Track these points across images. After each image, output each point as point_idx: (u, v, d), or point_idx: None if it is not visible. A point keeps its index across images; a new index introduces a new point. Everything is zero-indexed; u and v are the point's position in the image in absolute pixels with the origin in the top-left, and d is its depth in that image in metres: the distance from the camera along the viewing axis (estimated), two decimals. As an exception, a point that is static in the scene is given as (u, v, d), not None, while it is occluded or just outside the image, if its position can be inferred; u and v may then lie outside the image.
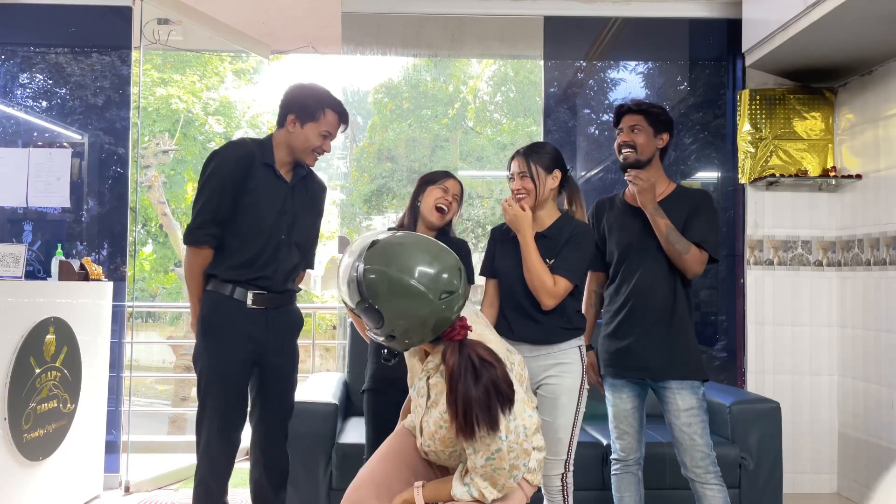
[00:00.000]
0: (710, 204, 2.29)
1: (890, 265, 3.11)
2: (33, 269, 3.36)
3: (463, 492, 1.58)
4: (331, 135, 2.17)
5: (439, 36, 3.87)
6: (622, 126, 2.31)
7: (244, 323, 2.11)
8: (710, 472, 2.19)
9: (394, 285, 1.50)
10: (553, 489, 2.06)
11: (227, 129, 9.72)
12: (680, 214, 2.24)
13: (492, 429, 1.47)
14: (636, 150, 2.26)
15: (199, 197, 2.11)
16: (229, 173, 2.09)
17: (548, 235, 2.11)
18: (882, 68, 3.19)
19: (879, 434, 3.16)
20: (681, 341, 2.23)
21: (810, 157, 3.49)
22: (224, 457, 2.13)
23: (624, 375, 2.28)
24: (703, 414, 2.21)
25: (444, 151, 11.12)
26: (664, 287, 2.24)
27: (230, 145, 2.16)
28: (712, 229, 2.24)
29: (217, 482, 2.13)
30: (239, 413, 2.15)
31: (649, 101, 2.33)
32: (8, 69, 3.67)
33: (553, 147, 2.18)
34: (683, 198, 2.29)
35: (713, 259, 2.26)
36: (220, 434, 2.11)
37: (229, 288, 2.11)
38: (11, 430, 2.56)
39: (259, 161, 2.13)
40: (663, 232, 2.19)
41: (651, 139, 2.28)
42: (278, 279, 2.16)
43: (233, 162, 2.10)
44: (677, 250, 2.19)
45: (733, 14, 3.53)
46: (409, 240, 1.59)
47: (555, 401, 2.05)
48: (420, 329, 1.54)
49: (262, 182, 2.13)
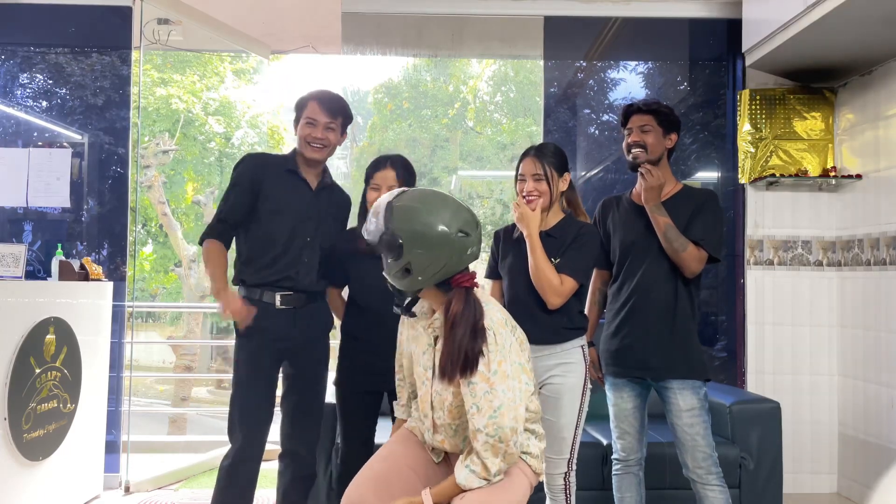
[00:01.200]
0: (715, 203, 2.28)
1: (890, 265, 3.11)
2: (33, 269, 3.35)
3: (466, 474, 1.59)
4: (315, 121, 2.21)
5: (439, 36, 3.87)
6: (631, 126, 2.30)
7: (270, 321, 2.16)
8: (711, 472, 2.19)
9: (418, 215, 1.63)
10: (556, 488, 2.06)
11: (227, 129, 9.72)
12: (684, 214, 2.24)
13: (484, 368, 1.58)
14: (646, 150, 2.26)
15: (220, 202, 2.23)
16: (247, 179, 2.20)
17: (552, 235, 2.11)
18: (882, 68, 3.19)
19: (879, 434, 3.16)
20: (682, 341, 2.23)
21: (810, 157, 3.49)
22: (251, 452, 2.16)
23: (625, 374, 2.28)
24: (706, 414, 2.21)
25: (444, 151, 11.12)
26: (666, 286, 2.24)
27: (249, 155, 2.30)
28: (714, 228, 2.24)
29: (246, 479, 2.15)
30: (269, 410, 2.20)
31: (657, 102, 2.33)
32: (8, 69, 3.67)
33: (560, 148, 2.18)
34: (689, 198, 2.29)
35: (714, 259, 2.26)
36: (250, 431, 2.16)
37: (258, 292, 2.18)
38: (11, 430, 2.56)
39: (282, 168, 2.24)
40: (662, 229, 2.19)
41: (661, 139, 2.28)
42: (304, 279, 2.20)
43: (250, 169, 2.22)
44: (674, 248, 2.19)
45: (733, 14, 3.53)
46: (439, 192, 1.74)
47: (558, 400, 2.05)
48: (434, 263, 1.63)
49: (285, 187, 2.21)
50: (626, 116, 2.33)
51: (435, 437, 1.78)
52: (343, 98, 2.29)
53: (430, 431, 1.78)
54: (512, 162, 10.62)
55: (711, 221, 2.24)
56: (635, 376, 2.27)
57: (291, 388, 2.25)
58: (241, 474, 2.13)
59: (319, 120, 2.20)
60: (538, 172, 2.10)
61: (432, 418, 1.76)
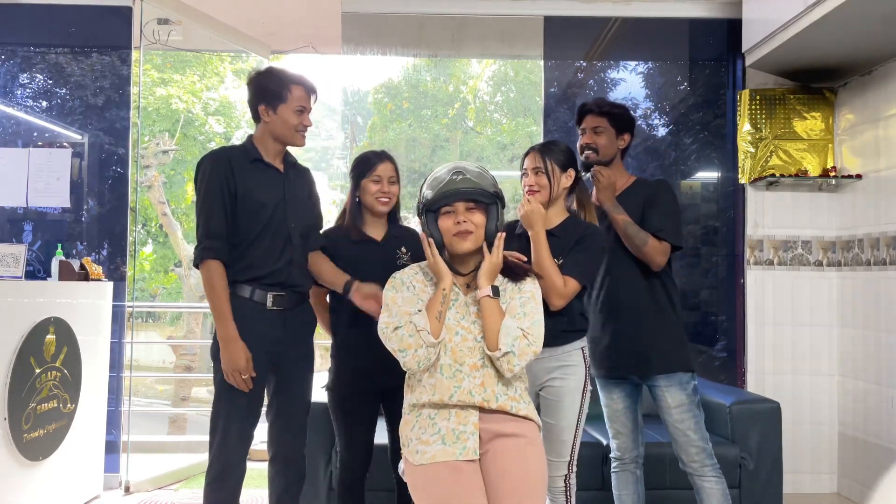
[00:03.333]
0: (667, 191, 2.29)
1: (890, 265, 3.11)
2: (33, 269, 3.35)
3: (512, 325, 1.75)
4: (305, 108, 2.14)
5: (439, 36, 3.87)
6: (584, 127, 2.33)
7: (261, 323, 2.10)
8: (706, 465, 2.20)
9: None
10: (556, 490, 2.05)
11: (227, 129, 9.72)
12: (636, 205, 2.25)
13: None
14: (597, 153, 2.30)
15: (198, 217, 2.10)
16: (217, 185, 2.07)
17: (556, 234, 2.10)
18: (882, 68, 3.19)
19: (879, 434, 3.16)
20: (659, 335, 2.23)
21: (810, 157, 3.49)
22: (237, 456, 2.12)
23: (611, 375, 2.30)
24: (696, 409, 2.22)
25: (444, 151, 11.12)
26: (635, 284, 2.25)
27: (208, 157, 2.14)
28: (669, 217, 2.23)
29: (230, 481, 2.12)
30: (256, 414, 2.15)
31: (612, 102, 2.35)
32: (8, 69, 3.67)
33: (567, 146, 2.18)
34: (641, 189, 2.31)
35: (676, 247, 2.25)
36: (236, 433, 2.10)
37: (249, 290, 2.10)
38: (11, 430, 2.56)
39: (245, 161, 2.13)
40: (621, 227, 2.21)
41: (613, 141, 2.31)
42: (295, 273, 2.14)
43: (217, 172, 2.08)
44: (636, 244, 2.19)
45: (733, 14, 3.53)
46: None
47: (558, 403, 2.05)
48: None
49: (256, 178, 2.12)
50: (581, 116, 2.35)
51: (474, 382, 1.77)
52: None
53: (470, 378, 1.76)
54: (512, 162, 10.61)
55: (666, 210, 2.24)
56: (621, 376, 2.28)
57: (279, 391, 2.20)
58: (229, 478, 2.10)
59: (307, 107, 2.15)
60: (538, 166, 2.10)
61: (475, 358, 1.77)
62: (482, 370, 1.78)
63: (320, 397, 2.38)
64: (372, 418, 2.29)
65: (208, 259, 2.04)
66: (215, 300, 2.04)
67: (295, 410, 2.22)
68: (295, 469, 2.22)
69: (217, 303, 2.03)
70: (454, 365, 1.77)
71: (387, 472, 2.29)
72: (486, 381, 1.77)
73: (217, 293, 2.04)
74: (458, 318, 1.80)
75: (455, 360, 1.77)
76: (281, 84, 2.11)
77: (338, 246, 2.28)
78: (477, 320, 1.80)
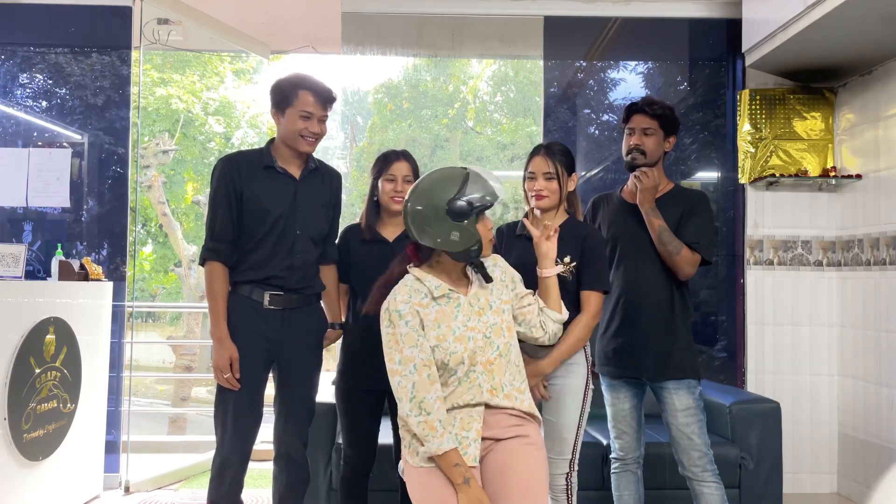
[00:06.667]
0: (707, 205, 2.28)
1: (890, 265, 3.11)
2: (33, 269, 3.36)
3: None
4: (311, 115, 2.11)
5: (439, 36, 3.87)
6: (633, 126, 2.27)
7: (259, 322, 2.12)
8: (707, 470, 2.20)
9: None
10: (557, 488, 2.06)
11: (227, 129, 9.72)
12: (675, 214, 2.24)
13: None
14: (645, 155, 2.25)
15: (207, 218, 2.17)
16: (224, 190, 2.12)
17: (560, 236, 2.09)
18: (882, 68, 3.19)
19: (879, 434, 3.16)
20: (675, 341, 2.23)
21: (810, 157, 3.49)
22: (234, 453, 2.13)
23: (621, 375, 2.29)
24: (701, 413, 2.22)
25: (444, 151, 11.12)
26: (658, 285, 2.24)
27: (221, 161, 2.19)
28: (706, 231, 2.24)
29: (226, 477, 2.13)
30: (254, 412, 2.16)
31: (662, 102, 2.29)
32: (8, 69, 3.67)
33: (567, 148, 2.16)
34: (680, 198, 2.29)
35: (706, 261, 2.25)
36: (232, 430, 2.12)
37: (248, 289, 2.13)
38: (11, 430, 2.56)
39: (257, 167, 2.15)
40: (657, 232, 2.20)
41: (661, 143, 2.27)
42: (294, 277, 2.15)
43: (226, 176, 2.13)
44: (669, 251, 2.19)
45: (733, 14, 3.53)
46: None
47: (560, 401, 2.05)
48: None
49: (264, 184, 2.14)
50: (628, 115, 2.31)
51: (486, 376, 1.77)
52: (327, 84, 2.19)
53: (484, 374, 1.77)
54: (512, 162, 10.61)
55: (704, 224, 2.24)
56: (631, 377, 2.27)
57: (282, 391, 2.21)
58: (225, 474, 2.11)
59: (315, 113, 2.12)
60: (549, 171, 2.07)
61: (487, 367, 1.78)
62: (494, 364, 1.79)
63: (324, 397, 2.38)
64: (376, 416, 2.29)
65: (210, 261, 2.12)
66: (212, 300, 2.11)
67: (295, 410, 2.22)
68: (295, 468, 2.22)
69: (213, 303, 2.11)
70: (468, 367, 1.77)
71: (390, 471, 2.30)
72: (496, 371, 1.79)
73: (214, 294, 2.11)
74: (465, 321, 1.79)
75: (471, 363, 1.77)
76: (291, 88, 2.12)
77: (349, 245, 2.29)
78: (482, 315, 1.80)
